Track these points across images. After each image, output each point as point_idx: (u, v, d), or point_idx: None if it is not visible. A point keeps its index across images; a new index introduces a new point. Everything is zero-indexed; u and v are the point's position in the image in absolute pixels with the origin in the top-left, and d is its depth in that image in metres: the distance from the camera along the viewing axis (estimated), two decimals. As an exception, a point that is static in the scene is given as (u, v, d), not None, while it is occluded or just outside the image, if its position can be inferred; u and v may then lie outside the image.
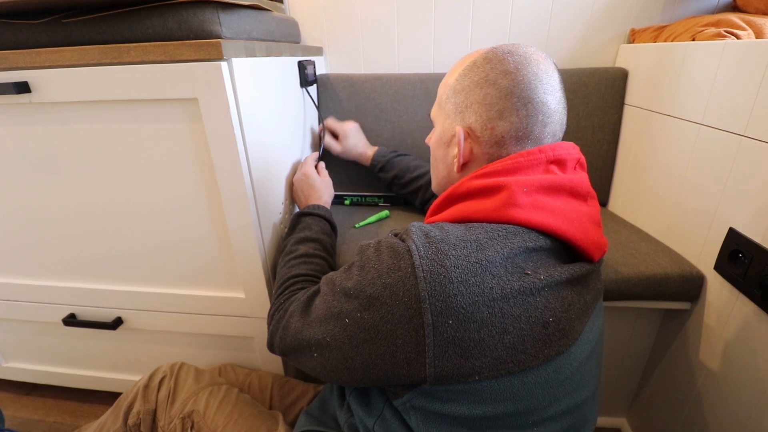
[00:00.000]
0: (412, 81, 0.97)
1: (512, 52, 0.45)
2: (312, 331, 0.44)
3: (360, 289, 0.39)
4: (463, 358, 0.35)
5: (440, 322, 0.35)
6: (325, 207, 0.74)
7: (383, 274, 0.37)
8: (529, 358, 0.36)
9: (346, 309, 0.40)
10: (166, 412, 0.64)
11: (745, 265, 0.57)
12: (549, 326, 0.37)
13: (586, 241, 0.41)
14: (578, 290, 0.40)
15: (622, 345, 0.80)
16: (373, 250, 0.40)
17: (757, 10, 0.76)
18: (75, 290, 0.81)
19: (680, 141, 0.72)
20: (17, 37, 0.61)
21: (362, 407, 0.47)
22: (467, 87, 0.46)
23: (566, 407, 0.40)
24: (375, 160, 0.91)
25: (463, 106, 0.47)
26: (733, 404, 0.61)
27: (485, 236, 0.37)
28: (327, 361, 0.43)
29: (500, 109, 0.44)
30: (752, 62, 0.57)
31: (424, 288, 0.35)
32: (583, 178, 0.45)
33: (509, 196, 0.39)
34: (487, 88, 0.44)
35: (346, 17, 1.01)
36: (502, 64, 0.44)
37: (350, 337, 0.39)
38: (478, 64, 0.46)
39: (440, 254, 0.36)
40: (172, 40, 0.57)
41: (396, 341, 0.37)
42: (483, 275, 0.35)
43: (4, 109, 0.65)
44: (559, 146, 0.44)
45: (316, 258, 0.62)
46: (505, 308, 0.35)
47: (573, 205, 0.42)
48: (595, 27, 0.96)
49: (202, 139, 0.62)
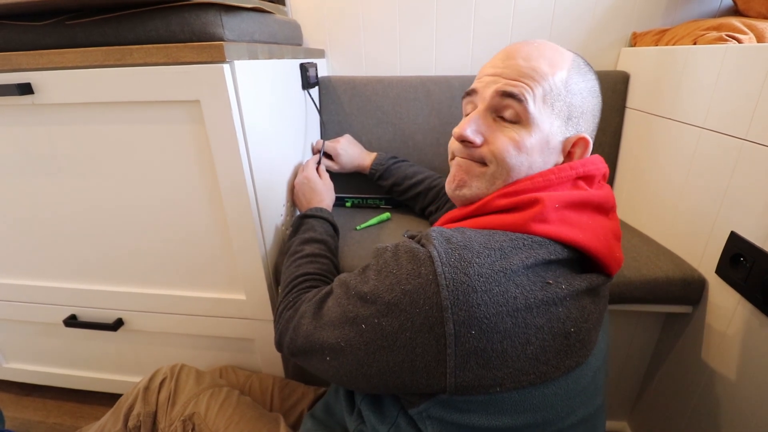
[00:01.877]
0: (414, 83, 0.97)
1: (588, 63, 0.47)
2: (325, 334, 0.42)
3: (377, 295, 0.38)
4: (485, 369, 0.34)
5: (463, 332, 0.34)
6: (326, 210, 0.74)
7: (402, 280, 0.36)
8: (551, 369, 0.36)
9: (362, 314, 0.39)
10: (167, 414, 0.64)
11: (747, 269, 0.57)
12: (571, 336, 0.36)
13: (609, 257, 0.40)
14: (594, 300, 0.40)
15: (623, 349, 0.80)
16: (391, 254, 0.39)
17: (758, 14, 0.76)
18: (76, 291, 0.81)
19: (682, 144, 0.72)
20: (21, 38, 0.61)
21: (375, 414, 0.45)
22: (582, 91, 0.44)
23: (582, 417, 0.40)
24: (373, 168, 0.91)
25: (579, 111, 0.44)
26: (736, 409, 0.61)
27: (509, 244, 0.36)
28: (341, 366, 0.41)
29: (597, 121, 0.46)
30: (754, 66, 0.57)
31: (446, 297, 0.34)
32: (608, 193, 0.44)
33: (540, 212, 0.38)
34: (594, 99, 0.45)
35: (348, 20, 1.02)
36: (595, 77, 0.46)
37: (366, 344, 0.38)
38: (581, 66, 0.45)
39: (463, 262, 0.35)
40: (175, 43, 0.57)
41: (415, 350, 0.36)
42: (507, 284, 0.34)
43: (7, 110, 0.66)
44: (589, 162, 0.44)
45: (323, 258, 0.62)
46: (528, 319, 0.34)
47: (598, 220, 0.42)
48: (596, 30, 0.96)
49: (204, 141, 0.62)
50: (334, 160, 0.91)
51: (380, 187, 0.93)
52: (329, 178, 0.83)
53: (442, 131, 0.97)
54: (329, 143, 0.91)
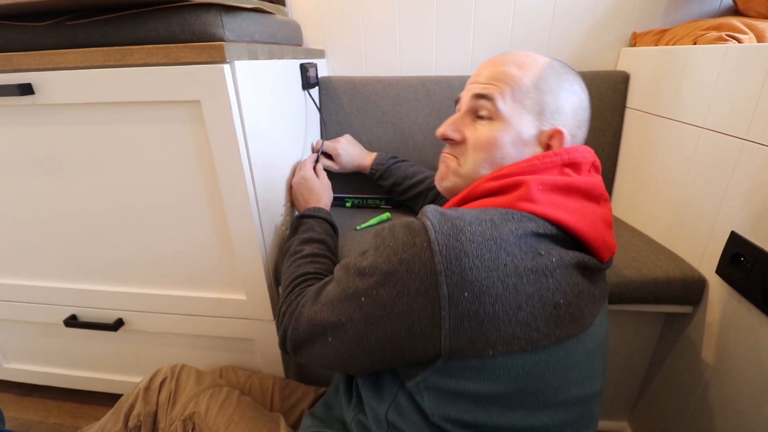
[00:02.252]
0: (414, 84, 0.97)
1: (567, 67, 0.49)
2: (326, 314, 0.44)
3: (375, 267, 0.39)
4: (478, 332, 0.36)
5: (456, 294, 0.35)
6: (325, 210, 0.74)
7: (398, 250, 0.38)
8: (541, 337, 0.37)
9: (361, 287, 0.41)
10: (167, 414, 0.64)
11: (747, 269, 0.57)
12: (560, 308, 0.38)
13: (597, 240, 0.42)
14: (587, 280, 0.41)
15: (623, 348, 0.80)
16: (388, 231, 0.41)
17: (758, 14, 0.76)
18: (76, 291, 0.81)
19: (682, 144, 0.72)
20: (21, 38, 0.61)
21: (375, 396, 0.47)
22: (555, 89, 0.47)
23: (575, 396, 0.41)
24: (373, 168, 0.92)
25: (553, 107, 0.47)
26: (736, 409, 0.61)
27: (500, 217, 0.39)
28: (342, 344, 0.43)
29: (581, 120, 0.48)
30: (754, 66, 0.57)
31: (439, 261, 0.35)
32: (597, 180, 0.46)
33: (525, 192, 0.41)
34: (574, 96, 0.47)
35: (348, 20, 1.02)
36: (576, 78, 0.48)
37: (366, 316, 0.40)
38: (557, 68, 0.48)
39: (455, 229, 0.37)
40: (175, 43, 0.57)
41: (412, 315, 0.37)
42: (497, 251, 0.36)
43: (7, 110, 0.66)
44: (574, 149, 0.45)
45: (322, 258, 0.62)
46: (518, 285, 0.36)
47: (586, 206, 0.43)
48: (596, 30, 0.96)
49: (205, 141, 0.62)
50: (335, 160, 0.91)
51: (380, 187, 0.93)
52: (327, 177, 0.83)
53: (442, 131, 0.97)
54: (329, 143, 0.91)
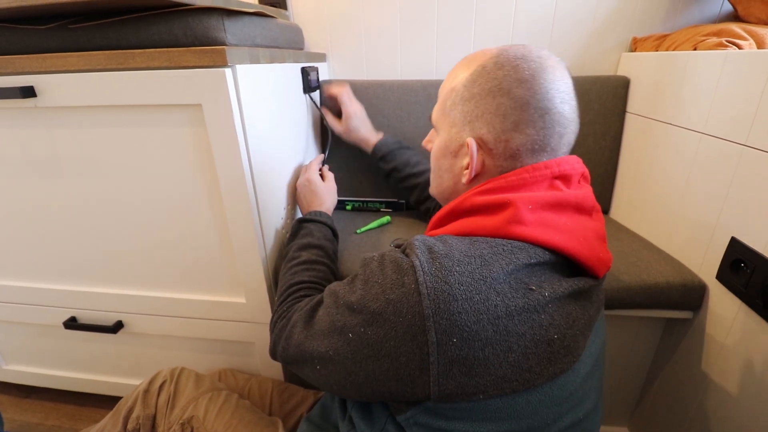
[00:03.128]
0: (415, 87, 0.97)
1: (525, 57, 0.42)
2: (315, 343, 0.43)
3: (364, 304, 0.38)
4: (468, 377, 0.35)
5: (444, 340, 0.34)
6: (326, 214, 0.73)
7: (387, 289, 0.37)
8: (534, 377, 0.36)
9: (349, 323, 0.40)
10: (166, 418, 0.64)
11: (748, 275, 0.57)
12: (554, 344, 0.36)
13: (592, 259, 0.40)
14: (582, 305, 0.40)
15: (623, 354, 0.80)
16: (377, 264, 0.40)
17: (758, 20, 0.76)
18: (76, 293, 0.81)
19: (682, 149, 0.72)
20: (24, 41, 0.61)
21: (364, 420, 0.46)
22: (477, 95, 0.43)
23: (569, 423, 0.40)
24: (377, 148, 0.87)
25: (473, 115, 0.44)
26: (736, 415, 0.61)
27: (489, 251, 0.37)
28: (330, 375, 0.42)
29: (516, 120, 0.41)
30: (754, 72, 0.57)
31: (428, 305, 0.34)
32: (587, 192, 0.44)
33: (514, 214, 0.39)
34: (501, 97, 0.41)
35: (349, 24, 1.02)
36: (516, 72, 0.41)
37: (353, 353, 0.39)
38: (489, 69, 0.43)
39: (444, 270, 0.35)
40: (177, 47, 0.57)
41: (400, 358, 0.36)
42: (487, 292, 0.35)
43: (9, 113, 0.66)
44: (564, 161, 0.43)
45: (319, 264, 0.62)
46: (509, 326, 0.35)
47: (578, 220, 0.41)
48: (597, 35, 0.97)
49: (206, 145, 0.63)
50: (342, 121, 0.86)
51: (379, 169, 0.89)
52: (333, 180, 0.82)
53: (443, 135, 0.97)
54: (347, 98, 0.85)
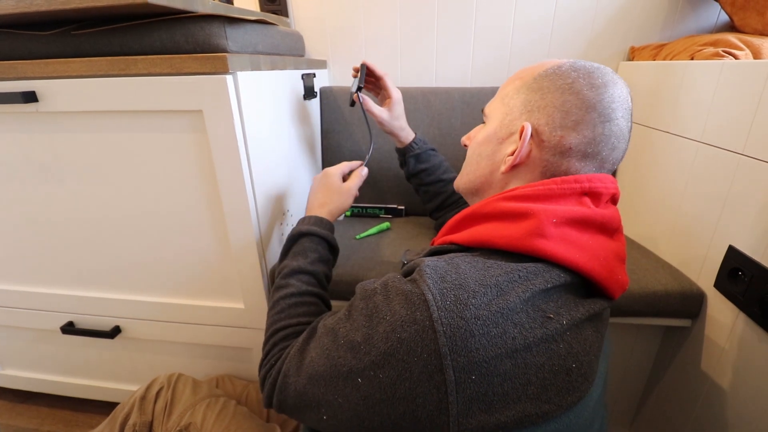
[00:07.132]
0: (414, 94, 0.98)
1: (599, 68, 0.43)
2: (317, 390, 0.40)
3: (371, 345, 0.36)
4: (488, 414, 0.33)
5: (463, 378, 0.32)
6: (327, 221, 0.63)
7: (397, 327, 0.34)
8: (553, 408, 0.35)
9: (357, 367, 0.37)
10: (163, 425, 0.63)
11: (745, 283, 0.57)
12: (572, 372, 0.35)
13: (610, 281, 0.39)
14: (595, 326, 0.39)
15: (622, 362, 0.80)
16: (382, 297, 0.37)
17: (755, 31, 0.77)
18: (74, 298, 0.81)
19: (680, 158, 0.72)
20: (26, 47, 0.62)
21: None
22: (546, 87, 0.43)
23: None
24: (416, 143, 0.80)
25: (535, 105, 0.44)
26: (735, 422, 0.61)
27: (505, 278, 0.35)
28: (339, 423, 0.39)
29: (577, 120, 0.41)
30: (750, 82, 0.58)
31: (444, 343, 0.32)
32: (614, 213, 0.43)
33: (537, 226, 0.37)
34: (570, 95, 0.42)
35: (349, 31, 1.03)
36: (590, 77, 0.42)
37: (365, 398, 0.36)
38: (564, 69, 0.44)
39: (459, 304, 0.33)
40: (179, 53, 0.58)
41: (416, 400, 0.34)
42: (505, 325, 0.33)
43: (11, 117, 0.66)
44: (597, 178, 0.42)
45: (309, 296, 0.56)
46: (528, 358, 0.33)
47: (600, 241, 0.40)
48: (595, 44, 0.98)
49: (206, 151, 0.63)
50: (389, 105, 0.77)
51: (405, 165, 0.82)
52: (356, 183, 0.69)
53: (442, 142, 0.97)
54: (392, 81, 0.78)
